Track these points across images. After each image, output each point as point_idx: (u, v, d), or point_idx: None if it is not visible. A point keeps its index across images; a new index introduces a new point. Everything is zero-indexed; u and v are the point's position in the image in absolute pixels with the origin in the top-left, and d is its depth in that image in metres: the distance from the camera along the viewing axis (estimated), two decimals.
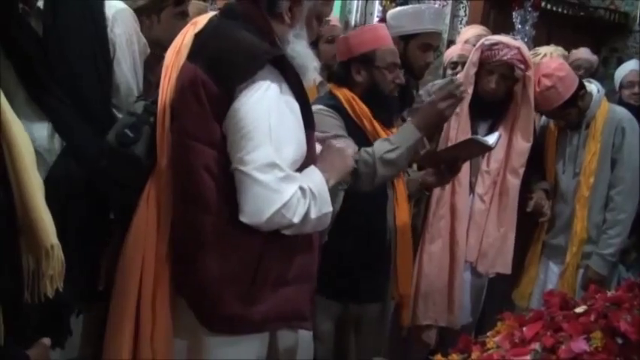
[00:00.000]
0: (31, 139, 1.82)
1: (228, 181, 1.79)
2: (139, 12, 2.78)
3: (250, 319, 1.85)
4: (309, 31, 1.96)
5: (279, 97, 1.81)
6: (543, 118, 3.54)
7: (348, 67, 2.71)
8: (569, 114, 3.24)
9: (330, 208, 1.89)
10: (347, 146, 2.10)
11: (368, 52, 2.68)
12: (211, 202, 1.79)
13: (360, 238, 2.69)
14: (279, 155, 1.78)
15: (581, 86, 3.24)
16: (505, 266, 3.32)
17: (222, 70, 1.78)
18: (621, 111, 3.32)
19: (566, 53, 4.11)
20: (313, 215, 1.83)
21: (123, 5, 2.21)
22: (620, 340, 1.47)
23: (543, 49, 3.96)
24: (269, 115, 1.77)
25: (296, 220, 1.79)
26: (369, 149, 2.53)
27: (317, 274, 2.06)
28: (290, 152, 1.82)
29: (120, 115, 2.11)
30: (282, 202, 1.76)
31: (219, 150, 1.79)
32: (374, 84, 2.68)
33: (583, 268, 3.25)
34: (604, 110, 3.25)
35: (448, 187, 3.16)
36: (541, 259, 3.44)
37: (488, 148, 2.70)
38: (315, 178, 1.88)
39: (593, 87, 3.33)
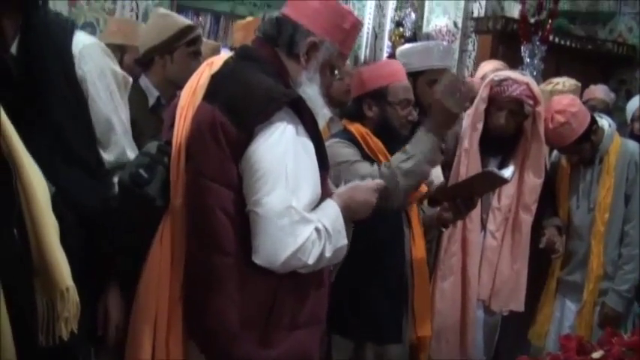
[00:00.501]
0: None
1: (243, 223, 1.80)
2: (152, 52, 2.82)
3: None
4: (322, 78, 1.99)
5: (296, 139, 1.83)
6: (554, 153, 3.52)
7: (360, 102, 2.71)
8: (583, 149, 3.23)
9: (345, 241, 1.90)
10: (372, 185, 2.07)
11: (380, 87, 2.67)
12: (226, 243, 1.80)
13: (377, 275, 2.66)
14: (296, 197, 1.78)
15: (594, 121, 3.24)
16: (518, 304, 3.28)
17: (240, 111, 1.80)
18: (634, 145, 3.31)
19: (579, 84, 4.10)
20: (328, 254, 1.84)
21: (91, 40, 2.17)
22: None
23: (557, 79, 3.96)
24: (285, 158, 1.78)
25: (311, 261, 1.80)
26: (387, 163, 2.51)
27: (333, 312, 2.05)
28: (306, 194, 1.82)
29: (104, 153, 2.10)
30: (298, 245, 1.76)
31: (235, 191, 1.80)
32: (385, 119, 2.68)
33: (599, 305, 3.21)
34: (616, 145, 3.24)
35: (460, 223, 3.13)
36: (556, 296, 3.39)
37: (503, 181, 2.68)
38: (330, 212, 1.89)
39: (604, 122, 3.32)
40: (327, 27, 1.94)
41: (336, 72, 2.05)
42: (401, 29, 6.17)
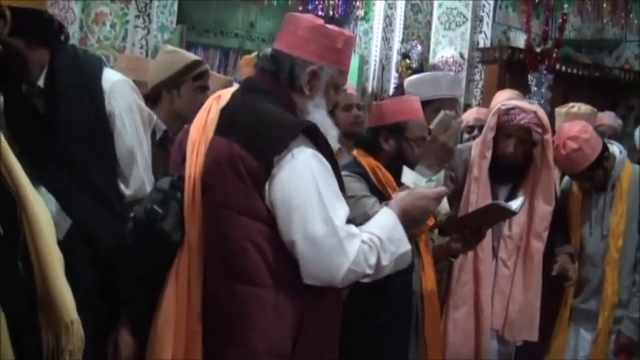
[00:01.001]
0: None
1: (270, 253, 1.83)
2: (160, 87, 2.87)
3: None
4: (327, 100, 2.03)
5: (317, 162, 1.86)
6: (565, 180, 3.52)
7: (377, 134, 2.73)
8: (596, 176, 3.22)
9: (408, 247, 1.95)
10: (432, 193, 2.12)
11: (400, 122, 2.69)
12: (256, 274, 1.82)
13: (385, 306, 2.65)
14: (335, 215, 1.83)
15: (605, 148, 3.24)
16: (532, 333, 3.23)
17: (258, 143, 1.83)
18: None
19: (595, 110, 4.10)
20: (385, 262, 1.89)
21: (120, 77, 2.23)
22: None
23: (572, 104, 3.99)
24: (315, 181, 1.83)
25: (369, 271, 1.86)
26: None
27: (342, 343, 2.05)
28: (341, 209, 1.87)
29: (123, 187, 2.14)
30: (351, 260, 1.81)
31: (261, 221, 1.83)
32: (400, 154, 2.69)
33: (615, 334, 3.17)
34: (628, 171, 3.24)
35: (471, 252, 3.11)
36: (570, 324, 3.36)
37: (511, 214, 2.68)
38: (386, 222, 1.95)
39: (615, 148, 3.32)
40: (322, 52, 1.97)
41: (340, 89, 2.10)
42: (407, 61, 6.21)
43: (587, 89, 5.95)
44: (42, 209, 1.70)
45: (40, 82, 2.08)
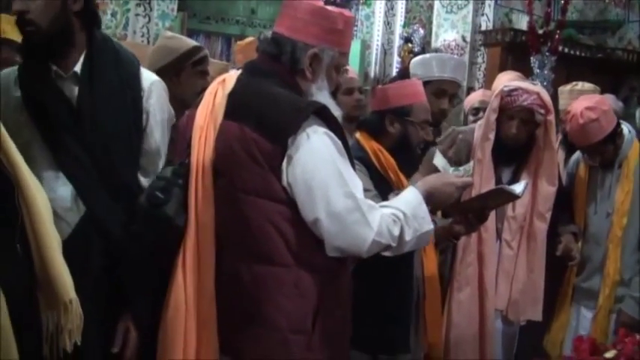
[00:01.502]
0: (54, 198, 1.88)
1: (290, 232, 1.88)
2: (159, 74, 2.87)
3: None
4: (329, 81, 2.05)
5: (331, 141, 1.91)
6: (572, 158, 3.52)
7: (382, 117, 2.75)
8: (607, 150, 3.22)
9: (431, 226, 2.02)
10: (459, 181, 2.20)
11: (405, 105, 2.72)
12: (276, 254, 1.87)
13: (387, 288, 2.68)
14: (355, 189, 1.88)
15: (619, 123, 3.25)
16: (536, 313, 3.26)
17: (270, 126, 1.87)
18: None
19: (598, 88, 4.10)
20: (408, 237, 1.96)
21: (156, 77, 2.30)
22: None
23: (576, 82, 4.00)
24: (330, 159, 1.88)
25: (392, 243, 1.93)
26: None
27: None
28: (359, 183, 1.93)
29: (143, 179, 2.17)
30: (375, 231, 1.88)
31: (279, 202, 1.88)
32: (405, 137, 2.72)
33: (616, 313, 3.19)
34: (636, 150, 3.25)
35: (474, 233, 3.13)
36: (572, 304, 3.38)
37: (515, 197, 2.70)
38: (411, 199, 2.02)
39: (624, 127, 3.33)
40: (322, 34, 1.99)
41: (341, 70, 2.12)
42: (410, 45, 6.22)
43: (589, 70, 5.93)
44: (39, 192, 1.72)
45: (77, 68, 2.10)
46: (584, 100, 3.26)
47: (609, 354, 1.60)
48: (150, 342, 1.99)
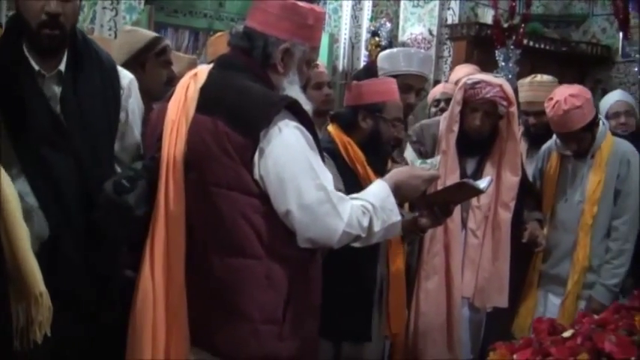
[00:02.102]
0: (21, 195, 1.88)
1: (262, 225, 1.90)
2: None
3: (281, 355, 1.96)
4: (300, 76, 2.08)
5: (302, 135, 1.94)
6: (544, 147, 3.57)
7: (355, 112, 2.79)
8: (585, 139, 3.27)
9: (399, 218, 2.07)
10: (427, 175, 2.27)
11: (378, 102, 2.76)
12: (248, 247, 1.90)
13: (351, 280, 2.70)
14: (325, 181, 1.92)
15: (597, 113, 3.32)
16: (502, 300, 3.33)
17: (243, 119, 1.89)
18: (626, 144, 3.39)
19: (556, 80, 4.14)
20: (377, 228, 2.01)
21: (131, 74, 2.35)
22: None
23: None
24: (300, 151, 1.91)
25: (362, 233, 1.98)
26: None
27: None
28: (329, 176, 1.97)
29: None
30: (345, 223, 1.92)
31: (251, 195, 1.90)
32: (376, 133, 2.76)
33: (585, 299, 3.26)
34: (609, 142, 3.31)
35: None
36: (539, 290, 3.44)
37: (479, 192, 2.75)
38: (378, 191, 2.07)
39: (600, 118, 3.40)
40: (293, 29, 2.02)
41: (312, 64, 2.16)
42: (377, 39, 6.25)
43: (554, 64, 6.01)
44: (8, 186, 1.73)
45: (61, 67, 2.11)
46: (567, 88, 3.31)
47: (567, 333, 1.66)
48: (118, 338, 2.00)
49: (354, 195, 2.07)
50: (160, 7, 5.84)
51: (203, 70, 2.07)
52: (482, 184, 2.66)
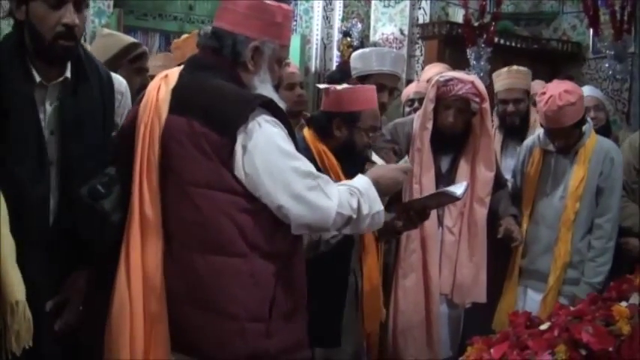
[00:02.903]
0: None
1: (245, 222, 1.89)
2: None
3: (268, 352, 1.94)
4: (271, 75, 2.07)
5: (280, 130, 1.94)
6: (525, 143, 3.58)
7: (331, 120, 2.76)
8: (573, 135, 3.28)
9: (382, 207, 2.08)
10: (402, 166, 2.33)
11: (354, 111, 2.73)
12: (231, 245, 1.89)
13: (320, 283, 2.67)
14: (309, 168, 1.94)
15: (585, 111, 3.34)
16: (480, 295, 3.34)
17: (219, 119, 1.88)
18: (609, 142, 3.42)
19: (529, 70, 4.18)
20: (365, 211, 2.01)
21: (124, 80, 2.37)
22: (583, 352, 1.51)
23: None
24: (279, 145, 1.92)
25: (353, 214, 1.99)
26: None
27: None
28: (310, 163, 1.99)
29: None
30: (336, 203, 1.95)
31: (232, 192, 1.89)
32: (350, 142, 2.74)
33: (565, 295, 3.25)
34: (592, 139, 3.33)
35: None
36: (519, 285, 3.45)
37: (456, 199, 2.76)
38: (361, 182, 2.09)
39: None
40: (262, 27, 2.01)
41: (283, 63, 2.15)
42: (349, 39, 6.26)
43: (526, 61, 5.99)
44: None
45: (65, 77, 2.09)
46: (560, 84, 3.31)
47: (544, 326, 1.66)
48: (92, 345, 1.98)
49: (339, 182, 2.11)
50: (130, 10, 5.80)
51: (174, 72, 2.06)
52: (458, 190, 2.66)
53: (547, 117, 3.23)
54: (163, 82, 2.03)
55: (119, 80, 2.30)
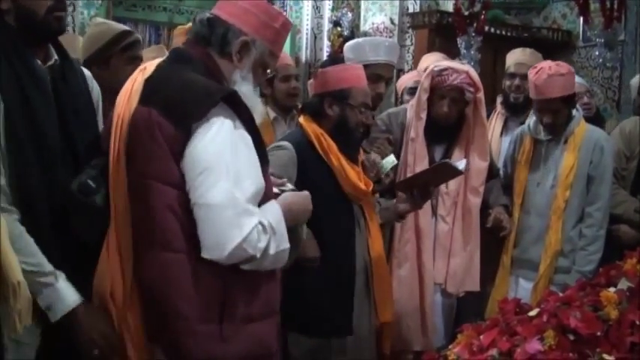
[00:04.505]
0: None
1: (190, 219, 1.82)
2: (89, 62, 2.82)
3: (225, 358, 1.86)
4: (254, 77, 2.03)
5: (234, 133, 1.86)
6: (516, 132, 3.60)
7: (322, 99, 2.77)
8: (561, 113, 3.29)
9: (288, 245, 1.92)
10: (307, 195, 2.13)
11: (343, 88, 2.74)
12: (176, 241, 1.82)
13: (325, 274, 2.68)
14: (239, 189, 1.81)
15: (575, 95, 3.37)
16: (473, 284, 3.37)
17: (177, 110, 1.83)
18: (599, 131, 3.44)
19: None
20: (272, 251, 1.86)
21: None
22: (571, 337, 1.53)
23: None
24: (225, 151, 1.82)
25: (257, 254, 1.82)
26: None
27: (286, 310, 2.10)
28: (249, 186, 1.85)
29: None
30: (243, 236, 1.78)
31: (179, 189, 1.83)
32: (344, 120, 2.74)
33: (557, 284, 3.24)
34: (582, 128, 3.35)
35: None
36: (511, 274, 3.46)
37: (458, 173, 2.77)
38: (274, 212, 1.92)
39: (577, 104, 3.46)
40: (258, 26, 1.99)
41: (268, 71, 2.09)
42: (339, 29, 6.24)
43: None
44: None
45: (53, 61, 2.08)
46: (553, 61, 3.37)
47: (533, 312, 1.68)
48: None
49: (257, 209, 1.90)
50: (119, 1, 5.75)
51: (153, 63, 2.03)
52: (460, 165, 2.67)
53: (536, 87, 3.28)
54: (141, 73, 2.00)
55: (87, 73, 2.29)
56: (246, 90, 1.98)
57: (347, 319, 2.74)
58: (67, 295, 1.90)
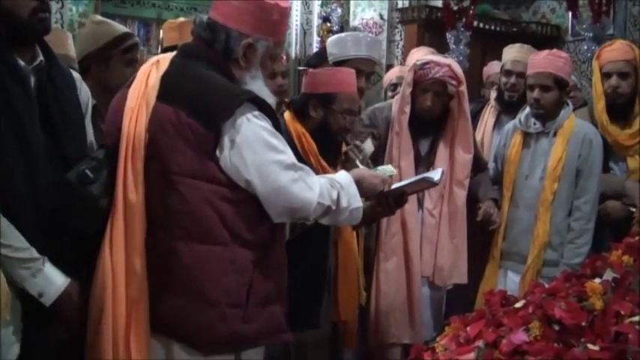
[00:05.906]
0: None
1: (227, 211, 1.94)
2: (86, 60, 2.82)
3: (248, 335, 2.00)
4: (263, 70, 2.08)
5: (265, 121, 1.97)
6: (507, 127, 3.61)
7: (307, 100, 2.79)
8: (550, 95, 3.30)
9: (360, 204, 2.15)
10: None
11: (330, 93, 2.76)
12: (214, 233, 1.93)
13: (295, 267, 2.68)
14: (288, 157, 1.98)
15: (568, 84, 3.42)
16: (461, 276, 3.38)
17: (205, 112, 1.91)
18: (588, 125, 3.44)
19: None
20: (344, 204, 2.08)
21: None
22: (557, 327, 1.54)
23: None
24: (268, 137, 1.96)
25: (332, 205, 2.06)
26: None
27: None
28: (291, 154, 2.03)
29: None
30: (317, 193, 2.01)
31: (216, 182, 1.93)
32: (326, 123, 2.77)
33: (545, 277, 3.24)
34: (571, 122, 3.36)
35: None
36: (500, 267, 3.48)
37: (434, 184, 2.79)
38: (343, 177, 2.16)
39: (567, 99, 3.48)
40: (257, 24, 2.01)
41: (277, 58, 2.22)
42: (328, 24, 6.26)
43: (505, 44, 5.98)
44: None
45: (39, 60, 2.08)
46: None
47: (519, 304, 1.69)
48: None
49: (320, 175, 2.14)
50: None
51: (166, 58, 2.06)
52: (435, 176, 2.69)
53: (532, 62, 3.37)
54: (154, 67, 2.04)
55: (75, 74, 2.28)
56: (258, 87, 2.04)
57: (315, 312, 2.78)
58: (55, 277, 1.95)
